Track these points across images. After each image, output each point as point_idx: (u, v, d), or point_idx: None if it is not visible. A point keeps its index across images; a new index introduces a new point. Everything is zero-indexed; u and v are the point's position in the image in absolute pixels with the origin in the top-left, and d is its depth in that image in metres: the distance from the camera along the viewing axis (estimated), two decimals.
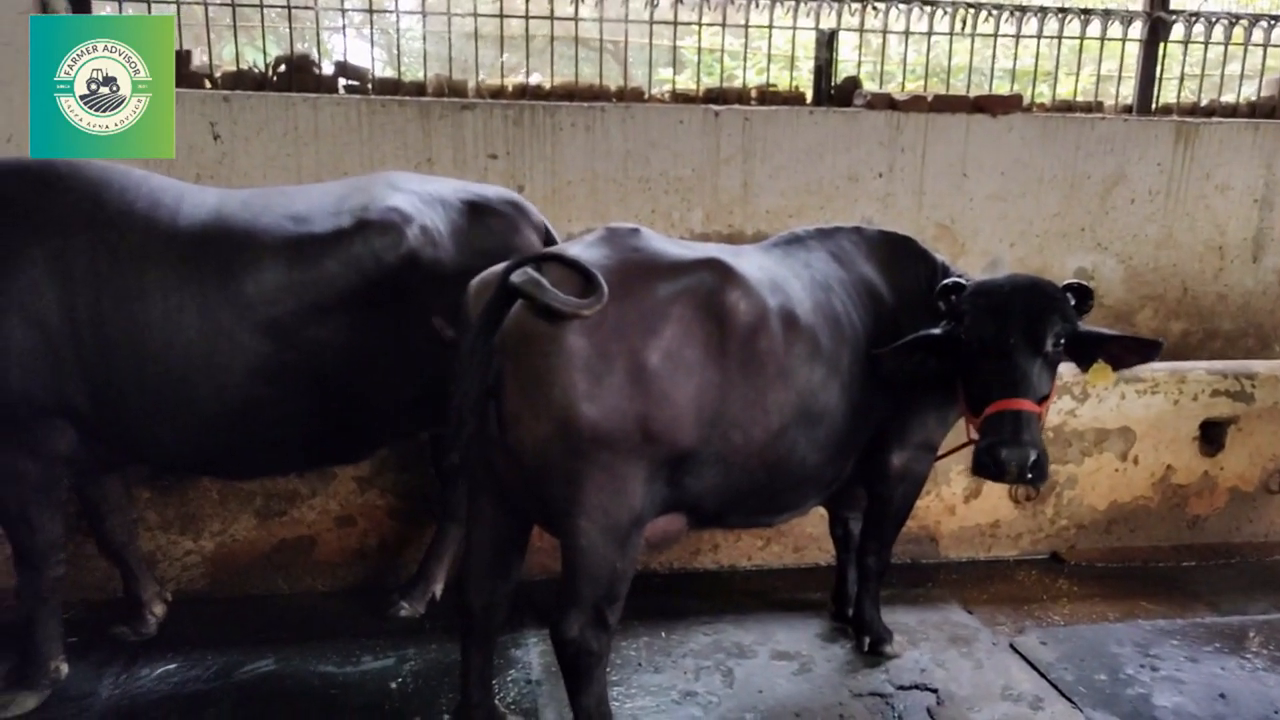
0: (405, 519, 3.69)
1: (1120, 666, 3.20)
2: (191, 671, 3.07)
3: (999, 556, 4.10)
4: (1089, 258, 5.01)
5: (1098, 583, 3.91)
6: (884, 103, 4.60)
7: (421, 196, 2.91)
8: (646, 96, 4.55)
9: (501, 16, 4.38)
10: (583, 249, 2.40)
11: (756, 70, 4.97)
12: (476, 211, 2.96)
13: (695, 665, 3.15)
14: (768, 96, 4.63)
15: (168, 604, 3.33)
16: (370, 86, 4.34)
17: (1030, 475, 2.52)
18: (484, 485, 2.51)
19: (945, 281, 2.83)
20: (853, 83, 4.76)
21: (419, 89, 4.35)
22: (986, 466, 2.56)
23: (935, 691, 3.03)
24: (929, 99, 4.59)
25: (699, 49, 4.51)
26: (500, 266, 2.38)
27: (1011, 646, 3.33)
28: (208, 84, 4.24)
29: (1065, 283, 2.77)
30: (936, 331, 2.77)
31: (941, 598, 3.71)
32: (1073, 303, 2.70)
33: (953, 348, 2.73)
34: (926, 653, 3.26)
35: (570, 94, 4.45)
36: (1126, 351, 2.77)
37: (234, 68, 4.28)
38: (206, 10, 4.23)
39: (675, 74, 4.55)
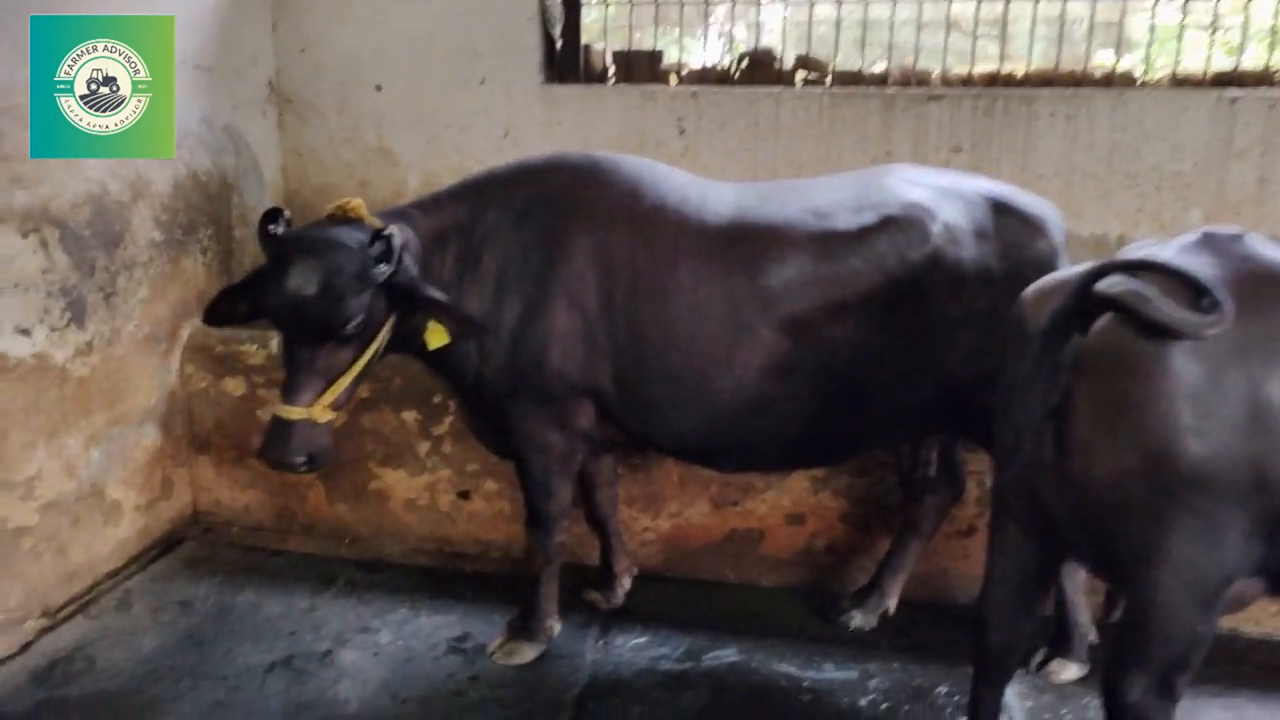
0: (856, 524, 3.56)
1: None
2: (661, 649, 3.17)
3: None
4: None
5: None
6: None
7: (941, 192, 2.72)
8: (1140, 82, 4.01)
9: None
10: (1177, 256, 2.07)
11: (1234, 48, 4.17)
12: (999, 210, 2.71)
13: None
14: None
15: (634, 577, 3.49)
16: (829, 79, 4.25)
17: None
18: (1016, 512, 2.27)
19: None
20: None
21: (880, 80, 4.18)
22: None
23: None
24: None
25: (1213, 25, 3.88)
26: (1071, 273, 2.12)
27: None
28: (673, 80, 4.41)
29: None
30: None
31: None
32: None
33: None
34: None
35: (1048, 80, 4.04)
36: None
37: (699, 64, 4.39)
38: (656, 9, 4.36)
39: (1179, 56, 3.94)
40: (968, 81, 4.11)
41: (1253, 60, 3.93)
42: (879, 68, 4.20)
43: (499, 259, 2.72)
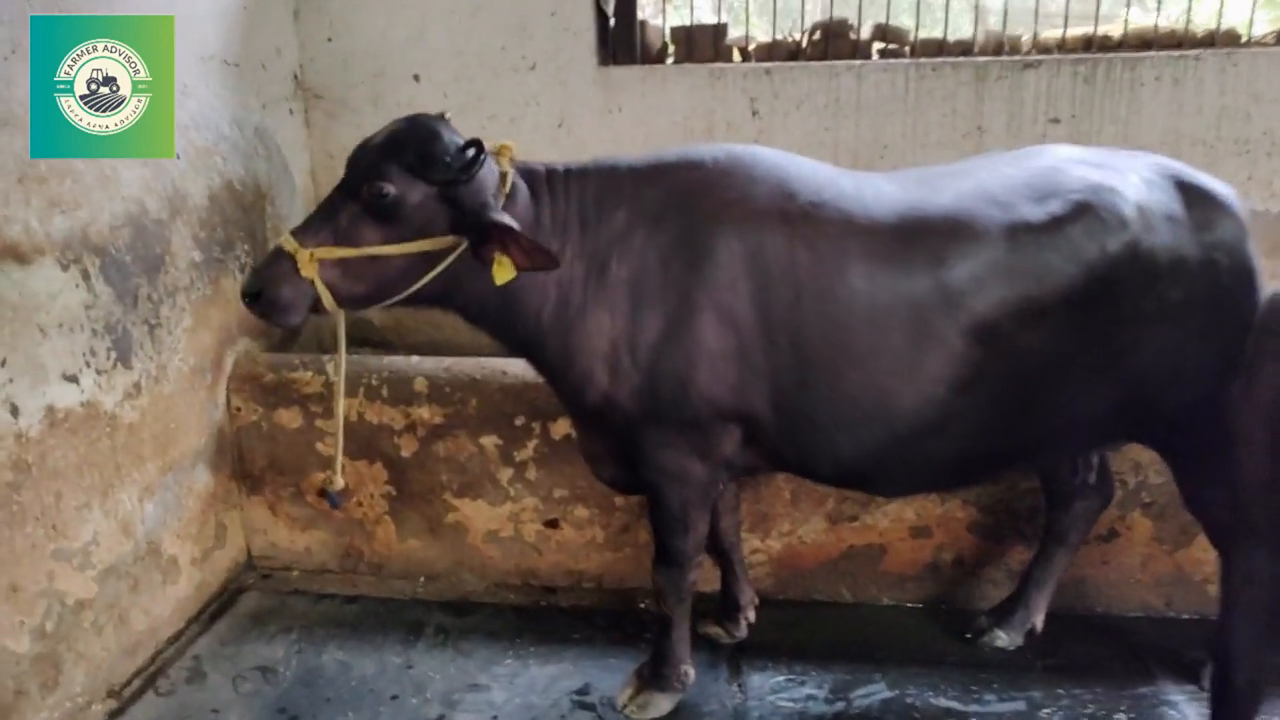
0: (986, 534, 3.30)
1: None
2: (804, 688, 2.89)
3: None
4: None
5: None
6: None
7: (1119, 171, 2.43)
8: (1246, 39, 3.76)
9: None
10: None
11: None
12: (1184, 189, 2.43)
13: None
14: None
15: (758, 608, 3.19)
16: (909, 50, 3.94)
17: None
18: (1268, 540, 2.02)
19: None
20: None
21: (965, 49, 3.89)
22: None
23: None
24: None
25: None
26: None
27: None
28: (737, 56, 4.08)
29: None
30: None
31: None
32: None
33: None
34: None
35: (1148, 43, 3.77)
36: None
37: (769, 39, 4.06)
38: None
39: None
40: (1062, 46, 3.83)
41: None
42: (965, 35, 3.90)
43: (632, 267, 2.38)
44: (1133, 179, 2.41)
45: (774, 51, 4.01)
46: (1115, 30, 3.81)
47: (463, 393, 3.36)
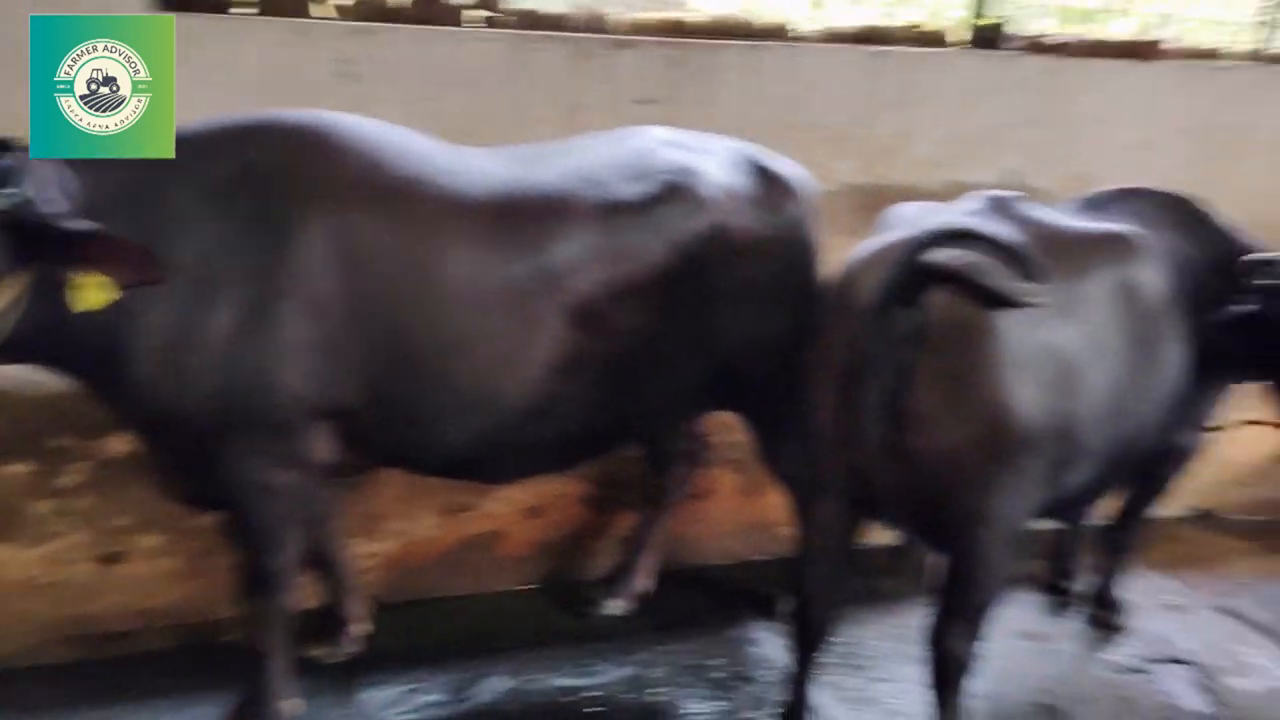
0: (596, 506, 3.37)
1: None
2: (422, 695, 2.74)
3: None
4: None
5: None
6: (1039, 47, 4.35)
7: (703, 153, 2.54)
8: (792, 35, 4.17)
9: None
10: (984, 223, 2.10)
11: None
12: (758, 172, 2.61)
13: None
14: (916, 37, 4.31)
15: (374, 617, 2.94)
16: (497, 17, 3.83)
17: None
18: (834, 490, 2.23)
19: (1255, 257, 2.60)
20: (996, 26, 4.48)
21: (561, 24, 3.87)
22: None
23: None
24: (1087, 44, 4.37)
25: None
26: (894, 243, 2.08)
27: None
28: (312, 10, 3.66)
29: None
30: (1247, 309, 2.54)
31: None
32: None
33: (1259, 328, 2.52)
34: None
35: (725, 31, 4.04)
36: None
37: None
38: None
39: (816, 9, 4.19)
40: (645, 29, 3.96)
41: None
42: (559, 9, 3.87)
43: (195, 252, 2.01)
44: (715, 162, 2.53)
45: (366, 9, 3.66)
46: (698, 17, 4.03)
47: None
